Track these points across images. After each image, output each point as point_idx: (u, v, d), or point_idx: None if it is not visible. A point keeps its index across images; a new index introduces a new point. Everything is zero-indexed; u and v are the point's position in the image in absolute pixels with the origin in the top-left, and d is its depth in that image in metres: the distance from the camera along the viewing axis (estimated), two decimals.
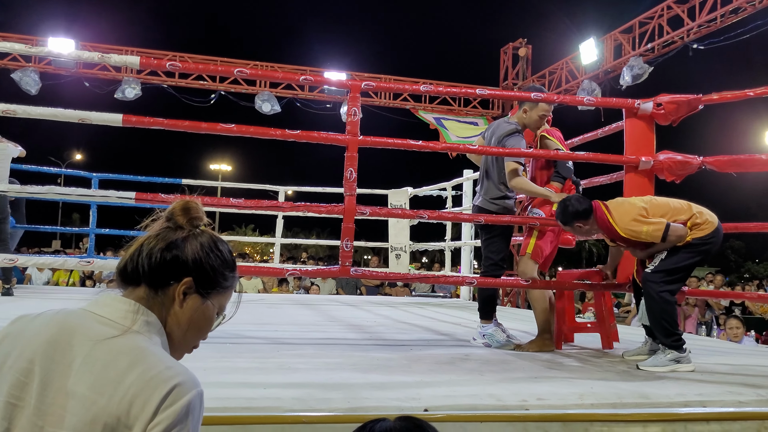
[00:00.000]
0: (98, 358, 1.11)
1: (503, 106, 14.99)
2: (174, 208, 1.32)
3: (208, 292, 1.31)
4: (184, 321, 1.29)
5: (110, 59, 3.66)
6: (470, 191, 8.63)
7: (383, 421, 1.18)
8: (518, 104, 4.25)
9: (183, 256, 1.27)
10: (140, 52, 12.92)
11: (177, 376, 1.12)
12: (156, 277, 1.25)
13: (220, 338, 3.95)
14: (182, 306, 1.27)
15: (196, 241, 1.30)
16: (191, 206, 1.33)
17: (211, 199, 3.71)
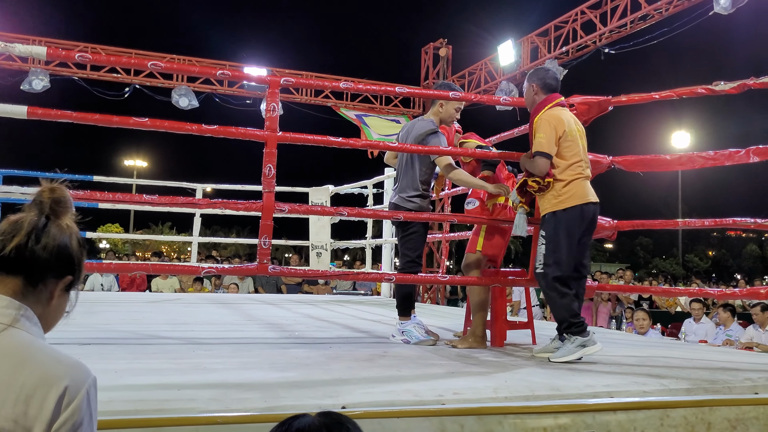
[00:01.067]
0: None
1: (424, 104, 15.15)
2: (45, 198, 1.29)
3: (75, 287, 1.33)
4: (52, 315, 1.30)
5: (14, 49, 3.48)
6: (391, 189, 8.67)
7: (304, 417, 1.18)
8: (432, 101, 4.35)
9: (70, 253, 1.27)
10: (49, 42, 12.36)
11: (69, 371, 1.13)
12: (39, 272, 1.23)
13: (133, 339, 3.84)
14: (56, 301, 1.29)
15: (75, 236, 1.30)
16: (64, 197, 1.31)
17: (124, 196, 3.60)
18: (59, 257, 1.26)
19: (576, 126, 3.72)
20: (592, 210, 3.60)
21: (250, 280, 10.43)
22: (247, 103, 13.74)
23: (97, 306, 6.05)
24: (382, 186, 8.90)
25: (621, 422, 2.47)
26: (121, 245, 34.41)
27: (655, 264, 51.80)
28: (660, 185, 46.60)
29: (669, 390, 2.71)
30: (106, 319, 4.89)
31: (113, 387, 2.34)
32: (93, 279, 9.93)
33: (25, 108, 3.30)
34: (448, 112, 4.26)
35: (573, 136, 3.65)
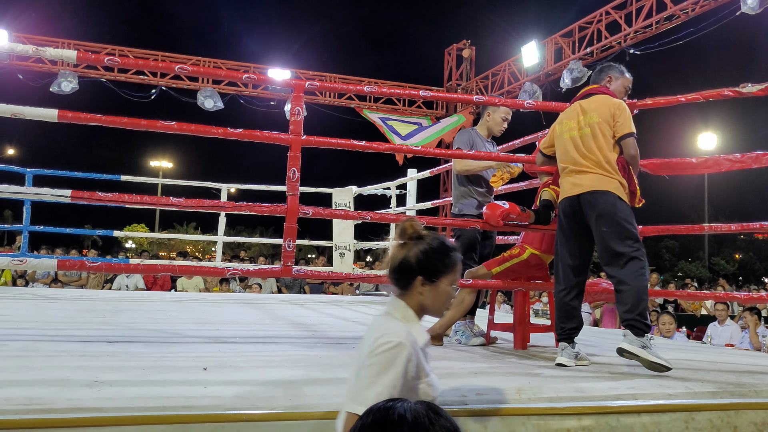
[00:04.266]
0: (370, 328, 1.90)
1: (447, 106, 15.14)
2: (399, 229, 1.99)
3: (436, 279, 1.92)
4: (429, 301, 1.93)
5: (45, 53, 3.56)
6: (414, 191, 8.69)
7: (404, 402, 1.23)
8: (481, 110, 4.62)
9: (409, 263, 1.92)
10: (78, 44, 12.58)
11: (386, 333, 1.80)
12: (399, 280, 1.95)
13: (159, 337, 3.89)
14: (422, 293, 1.92)
15: (417, 250, 1.92)
16: (405, 226, 1.96)
17: (151, 198, 3.66)
18: (400, 269, 1.93)
19: (569, 122, 3.68)
20: (565, 204, 3.60)
21: (273, 280, 10.51)
22: (272, 105, 13.85)
23: (123, 305, 6.14)
24: (405, 187, 8.91)
25: (645, 425, 2.47)
26: (146, 245, 34.80)
27: (680, 267, 51.16)
28: (686, 188, 46.04)
29: (694, 393, 2.69)
30: (132, 318, 4.97)
31: (140, 383, 2.39)
32: (120, 279, 10.07)
33: (56, 111, 3.37)
34: (494, 121, 4.50)
35: (559, 132, 3.69)
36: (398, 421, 1.17)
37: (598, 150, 3.47)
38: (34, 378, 2.40)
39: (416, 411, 1.19)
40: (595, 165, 3.47)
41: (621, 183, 3.44)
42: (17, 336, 3.65)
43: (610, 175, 3.44)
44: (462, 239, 4.43)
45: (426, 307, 1.94)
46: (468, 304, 4.19)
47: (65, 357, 2.93)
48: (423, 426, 1.17)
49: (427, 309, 1.94)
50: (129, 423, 2.02)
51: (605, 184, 3.43)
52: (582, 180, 3.49)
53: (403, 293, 1.93)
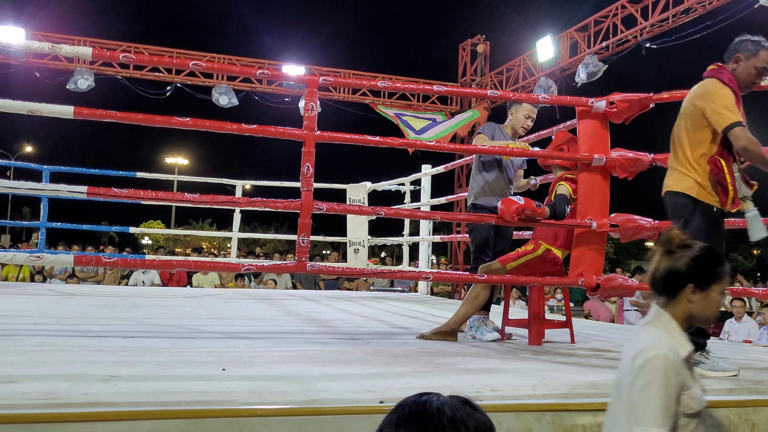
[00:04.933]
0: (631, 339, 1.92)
1: (461, 102, 15.09)
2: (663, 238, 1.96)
3: (707, 287, 1.90)
4: (699, 309, 1.90)
5: (61, 50, 3.58)
6: (429, 186, 8.68)
7: (437, 396, 1.21)
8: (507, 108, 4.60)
9: (680, 270, 1.90)
10: (93, 42, 12.65)
11: (648, 347, 1.78)
12: (665, 289, 1.93)
13: (175, 333, 3.92)
14: (692, 301, 1.89)
15: (686, 256, 1.91)
16: (671, 236, 1.95)
17: (166, 194, 3.67)
18: (667, 278, 1.92)
19: None
20: None
21: (287, 275, 10.53)
22: (286, 101, 13.87)
23: (139, 300, 6.19)
24: (419, 183, 8.90)
25: None
26: (162, 241, 35.01)
27: None
28: None
29: (711, 389, 2.66)
30: (148, 314, 5.00)
31: (156, 378, 2.40)
32: (136, 275, 10.14)
33: (72, 108, 3.39)
34: (517, 119, 4.51)
35: None
36: (436, 414, 1.15)
37: (680, 144, 3.28)
38: (51, 372, 2.42)
39: (453, 405, 1.17)
40: (676, 161, 3.29)
41: (699, 182, 3.17)
42: (35, 331, 3.69)
43: (687, 173, 3.21)
44: (475, 233, 4.43)
45: (695, 315, 1.92)
46: (482, 300, 4.18)
47: (82, 352, 2.95)
48: (461, 420, 1.14)
49: (696, 318, 1.93)
50: (144, 417, 2.03)
51: (679, 183, 3.24)
52: (666, 179, 3.34)
53: (668, 302, 1.92)
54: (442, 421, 1.14)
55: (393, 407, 2.19)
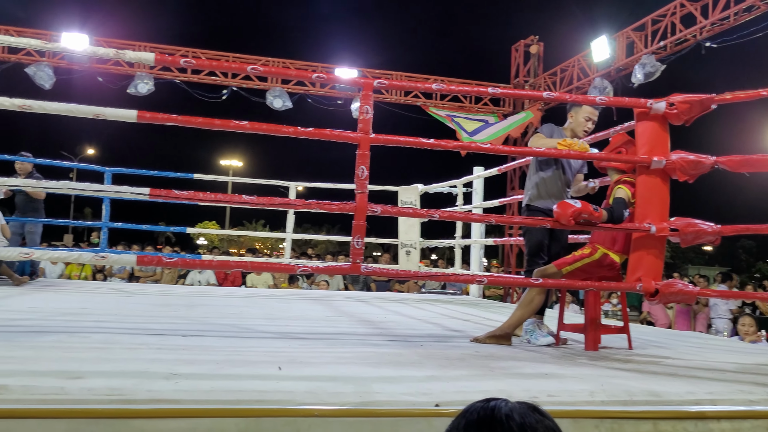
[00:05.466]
0: None
1: (514, 103, 14.96)
2: None
3: None
4: None
5: (125, 56, 3.68)
6: (481, 189, 8.64)
7: (506, 402, 1.19)
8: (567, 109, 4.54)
9: None
10: (153, 47, 13.00)
11: None
12: None
13: (231, 332, 3.99)
14: None
15: None
16: None
17: (225, 196, 3.74)
18: None
19: None
20: None
21: (339, 277, 10.61)
22: (338, 103, 13.98)
23: (196, 300, 6.32)
24: (471, 185, 8.86)
25: (725, 431, 2.38)
26: (217, 241, 35.67)
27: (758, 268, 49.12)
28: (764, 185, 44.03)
29: None
30: (205, 313, 5.10)
31: (215, 377, 2.45)
32: (192, 275, 10.36)
33: (135, 112, 3.49)
34: (577, 122, 4.44)
35: None
36: (505, 420, 1.13)
37: None
38: (115, 369, 2.49)
39: (522, 411, 1.15)
40: None
41: None
42: (98, 328, 3.80)
43: None
44: (529, 236, 4.39)
45: None
46: (537, 304, 4.14)
47: (143, 350, 3.03)
48: (531, 426, 1.12)
49: None
50: (205, 415, 2.07)
51: None
52: None
53: None
54: (511, 426, 1.12)
55: (450, 411, 2.20)
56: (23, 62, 12.43)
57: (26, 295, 5.86)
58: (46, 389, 2.08)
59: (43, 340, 3.16)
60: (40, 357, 2.66)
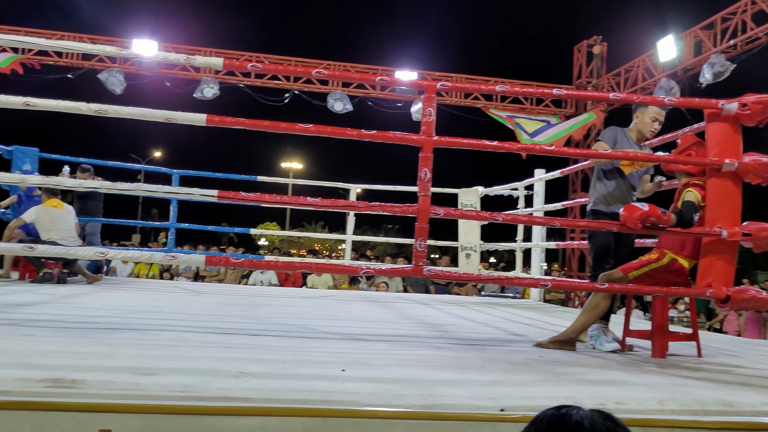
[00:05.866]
0: None
1: (577, 105, 14.73)
2: None
3: None
4: None
5: (195, 61, 3.79)
6: (542, 191, 8.52)
7: (579, 409, 1.18)
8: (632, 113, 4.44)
9: None
10: (218, 52, 13.32)
11: None
12: None
13: (295, 332, 4.05)
14: None
15: None
16: None
17: (290, 198, 3.80)
18: None
19: None
20: None
21: (399, 279, 10.63)
22: (398, 106, 14.02)
23: (260, 300, 6.44)
24: (532, 188, 8.76)
25: None
26: (277, 242, 36.22)
27: None
28: None
29: None
30: (269, 312, 5.19)
31: (282, 376, 2.49)
32: (255, 275, 10.56)
33: (205, 116, 3.58)
34: (643, 123, 4.37)
35: None
36: (575, 428, 1.12)
37: None
38: (186, 367, 2.56)
39: (593, 419, 1.14)
40: None
41: None
42: (168, 326, 3.92)
43: None
44: (594, 240, 4.33)
45: None
46: (602, 309, 4.06)
47: (212, 348, 3.11)
48: None
49: None
50: (273, 414, 2.11)
51: None
52: None
53: None
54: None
55: (515, 416, 2.19)
56: (96, 68, 12.89)
57: (99, 293, 6.07)
58: (122, 385, 2.16)
59: (117, 337, 3.28)
60: (115, 353, 2.76)
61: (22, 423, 1.94)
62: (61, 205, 6.96)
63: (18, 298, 5.05)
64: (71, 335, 3.26)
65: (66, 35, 12.98)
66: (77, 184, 3.79)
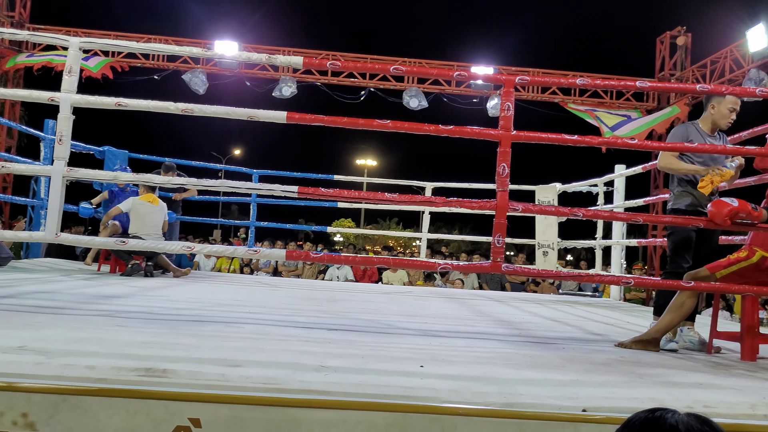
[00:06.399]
0: None
1: (659, 98, 14.26)
2: None
3: None
4: None
5: (276, 60, 3.87)
6: (623, 188, 8.30)
7: (674, 412, 1.17)
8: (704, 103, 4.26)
9: None
10: (296, 51, 13.56)
11: None
12: None
13: (373, 327, 4.09)
14: None
15: None
16: None
17: (367, 194, 3.84)
18: None
19: None
20: None
21: (474, 275, 10.56)
22: (474, 102, 13.94)
23: (337, 295, 6.53)
24: (612, 184, 8.54)
25: None
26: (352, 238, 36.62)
27: None
28: None
29: None
30: (346, 308, 5.25)
31: (361, 371, 2.52)
32: (331, 270, 10.71)
33: (285, 113, 3.66)
34: (720, 113, 4.17)
35: None
36: (669, 431, 1.09)
37: None
38: (269, 359, 2.62)
39: (689, 423, 1.11)
40: None
41: None
42: (250, 319, 4.02)
43: None
44: (674, 237, 4.19)
45: None
46: (688, 309, 3.93)
47: (293, 341, 3.17)
48: None
49: None
50: (354, 408, 2.14)
51: None
52: None
53: None
54: None
55: (597, 417, 2.15)
56: (180, 69, 13.36)
57: (184, 286, 6.29)
58: (209, 375, 2.23)
59: (203, 329, 3.39)
60: (202, 345, 2.85)
61: (118, 409, 2.04)
62: (156, 201, 7.24)
63: (110, 290, 5.29)
64: (160, 326, 3.39)
65: (152, 38, 13.49)
66: (166, 181, 3.93)
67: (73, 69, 3.71)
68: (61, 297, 4.52)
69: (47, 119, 8.43)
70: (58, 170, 3.68)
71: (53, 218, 3.66)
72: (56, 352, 2.41)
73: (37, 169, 6.39)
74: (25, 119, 17.74)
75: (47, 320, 3.32)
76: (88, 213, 7.98)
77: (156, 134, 43.05)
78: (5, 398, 2.02)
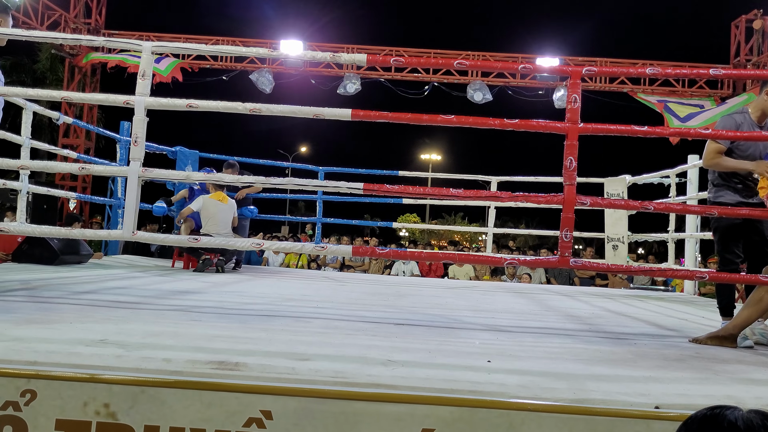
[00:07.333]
0: None
1: (734, 86, 13.74)
2: None
3: None
4: None
5: (340, 58, 3.91)
6: (696, 179, 8.04)
7: (735, 409, 1.15)
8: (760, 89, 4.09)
9: None
10: (359, 48, 13.65)
11: None
12: None
13: (440, 322, 4.09)
14: None
15: None
16: None
17: (432, 190, 3.84)
18: None
19: None
20: None
21: (541, 270, 10.43)
22: (539, 94, 13.74)
23: (403, 289, 6.55)
24: (685, 176, 8.28)
25: None
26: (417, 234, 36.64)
27: None
28: None
29: None
30: (413, 302, 5.27)
31: (428, 365, 2.53)
32: (397, 265, 10.75)
33: (350, 111, 3.70)
34: None
35: None
36: (727, 428, 1.07)
37: None
38: (337, 353, 2.66)
39: (749, 420, 1.08)
40: None
41: None
42: (318, 314, 4.09)
43: None
44: (721, 232, 4.09)
45: None
46: (767, 304, 3.78)
47: (360, 336, 3.21)
48: None
49: None
50: (421, 402, 2.15)
51: None
52: None
53: None
54: None
55: (671, 414, 2.10)
56: (247, 69, 13.65)
57: (254, 281, 6.44)
58: (280, 369, 2.29)
59: (273, 324, 3.46)
60: (272, 339, 2.92)
61: (193, 401, 2.11)
62: (225, 199, 7.45)
63: (184, 286, 5.46)
64: (232, 321, 3.48)
65: (220, 39, 13.82)
66: (235, 180, 4.02)
67: (146, 72, 3.84)
68: (138, 292, 4.70)
69: (123, 121, 8.76)
70: (134, 171, 3.83)
71: (130, 217, 3.81)
72: (135, 345, 2.51)
73: (114, 170, 6.64)
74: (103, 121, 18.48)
75: (126, 314, 3.46)
76: (161, 211, 8.25)
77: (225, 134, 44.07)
78: (89, 389, 2.12)
